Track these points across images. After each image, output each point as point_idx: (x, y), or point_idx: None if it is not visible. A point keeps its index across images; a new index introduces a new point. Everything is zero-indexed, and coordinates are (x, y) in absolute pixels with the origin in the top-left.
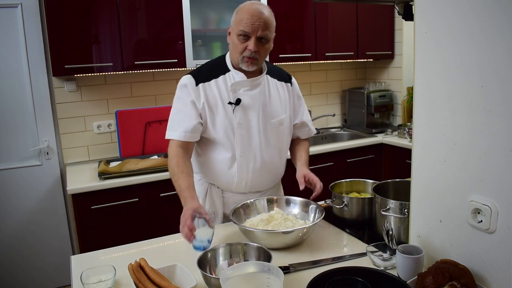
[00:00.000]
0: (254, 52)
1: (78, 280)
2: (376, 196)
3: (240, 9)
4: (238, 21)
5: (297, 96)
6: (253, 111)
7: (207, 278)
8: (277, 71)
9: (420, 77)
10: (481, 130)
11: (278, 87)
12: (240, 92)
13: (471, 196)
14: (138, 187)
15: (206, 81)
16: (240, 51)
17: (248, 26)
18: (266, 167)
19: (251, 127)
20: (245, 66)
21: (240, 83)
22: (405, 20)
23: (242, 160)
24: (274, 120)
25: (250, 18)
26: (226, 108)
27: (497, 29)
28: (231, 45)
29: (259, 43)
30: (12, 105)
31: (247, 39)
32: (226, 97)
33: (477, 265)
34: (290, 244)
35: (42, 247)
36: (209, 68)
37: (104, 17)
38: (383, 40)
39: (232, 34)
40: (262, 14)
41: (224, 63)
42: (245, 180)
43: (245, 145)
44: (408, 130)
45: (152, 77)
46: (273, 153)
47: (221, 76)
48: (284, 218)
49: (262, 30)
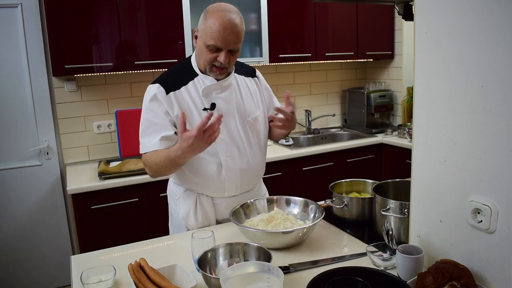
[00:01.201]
0: (224, 64)
1: (78, 280)
2: (376, 196)
3: (210, 16)
4: (209, 32)
5: (265, 89)
6: (229, 114)
7: (207, 278)
8: (241, 67)
9: (420, 77)
10: (481, 130)
11: (248, 83)
12: (213, 96)
13: (471, 196)
14: (138, 187)
15: (176, 89)
16: (209, 61)
17: (220, 41)
18: (251, 165)
19: (231, 130)
20: (214, 75)
21: (211, 87)
22: (405, 20)
23: (228, 165)
24: (250, 118)
25: (223, 32)
26: (202, 114)
27: (497, 29)
28: (199, 51)
29: (230, 54)
30: (12, 105)
31: (217, 51)
32: (199, 103)
33: (477, 265)
34: (290, 244)
35: (42, 247)
36: (176, 75)
37: (104, 17)
38: (383, 40)
39: (200, 40)
40: (235, 27)
41: (191, 67)
42: (235, 183)
43: (229, 149)
44: (408, 130)
45: (152, 77)
46: (256, 150)
47: (190, 82)
48: (284, 218)
49: (234, 43)
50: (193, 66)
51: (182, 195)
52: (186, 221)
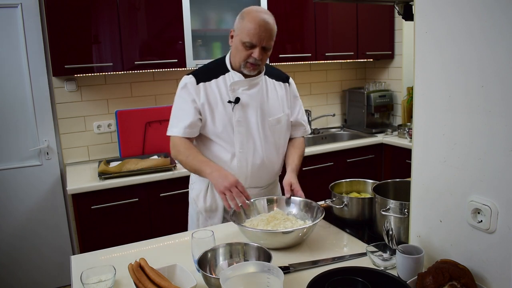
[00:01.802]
0: (258, 60)
1: (78, 280)
2: (376, 196)
3: (246, 16)
4: (245, 30)
5: (294, 96)
6: (251, 109)
7: (207, 278)
8: (275, 73)
9: (420, 77)
10: (481, 130)
11: (276, 87)
12: (239, 91)
13: (471, 196)
14: (138, 187)
15: (206, 81)
16: (244, 58)
17: (255, 38)
18: (264, 163)
19: (249, 124)
20: (247, 71)
21: (238, 83)
22: (405, 20)
23: (241, 156)
24: (271, 119)
25: (258, 29)
26: (226, 106)
27: (497, 29)
28: (234, 49)
29: (263, 51)
30: (12, 105)
31: (252, 48)
32: (225, 96)
33: (477, 265)
34: (290, 244)
35: (42, 247)
36: (209, 69)
37: (104, 17)
38: (383, 40)
39: (236, 39)
40: (269, 25)
41: (224, 64)
42: (244, 175)
43: (244, 142)
44: (408, 130)
45: (152, 77)
46: (271, 149)
47: (221, 76)
48: (284, 218)
49: (267, 40)
50: (226, 63)
51: (198, 179)
52: (196, 202)
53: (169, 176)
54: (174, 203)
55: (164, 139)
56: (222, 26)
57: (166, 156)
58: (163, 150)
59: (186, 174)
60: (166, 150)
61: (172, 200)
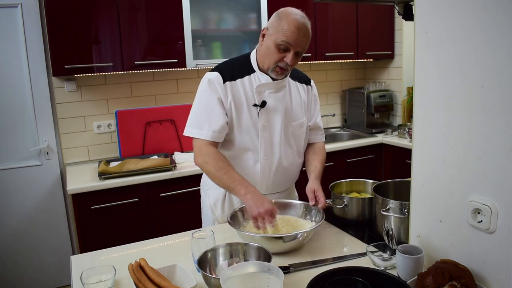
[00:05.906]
0: (289, 65)
1: (78, 280)
2: (376, 196)
3: (285, 17)
4: (282, 31)
5: (314, 99)
6: (277, 114)
7: (207, 278)
8: (297, 74)
9: (420, 77)
10: (480, 130)
11: (299, 89)
12: (266, 94)
13: (471, 196)
14: (138, 187)
15: (232, 80)
16: (275, 60)
17: (293, 40)
18: (286, 169)
19: (274, 130)
20: (275, 75)
21: (266, 85)
22: (405, 20)
23: (265, 163)
24: (295, 123)
25: (297, 32)
26: (251, 109)
27: (497, 29)
28: (265, 49)
29: (296, 56)
30: (12, 105)
31: (286, 51)
32: (251, 98)
33: (477, 265)
34: (290, 250)
35: (42, 247)
36: (234, 67)
37: (104, 17)
38: (383, 40)
39: (268, 39)
40: (307, 31)
41: (249, 63)
42: (267, 181)
43: (268, 148)
44: (408, 130)
45: (152, 77)
46: (293, 155)
47: (246, 76)
48: (283, 222)
49: (303, 46)
50: (252, 62)
51: (214, 184)
52: (213, 210)
53: (169, 176)
54: (174, 203)
55: (164, 139)
56: (222, 26)
57: (166, 156)
58: (163, 150)
59: (186, 174)
60: (166, 150)
61: (172, 200)
